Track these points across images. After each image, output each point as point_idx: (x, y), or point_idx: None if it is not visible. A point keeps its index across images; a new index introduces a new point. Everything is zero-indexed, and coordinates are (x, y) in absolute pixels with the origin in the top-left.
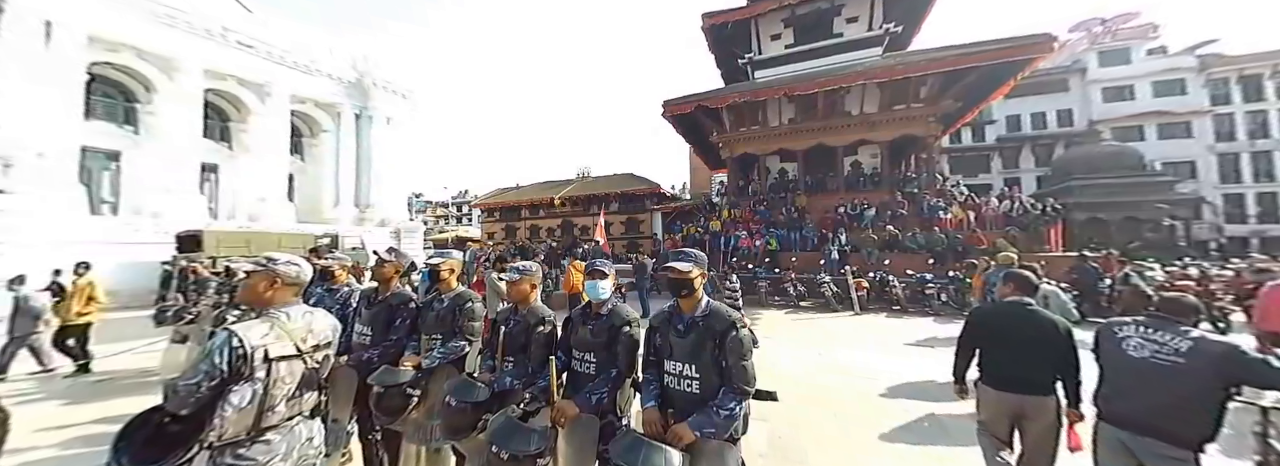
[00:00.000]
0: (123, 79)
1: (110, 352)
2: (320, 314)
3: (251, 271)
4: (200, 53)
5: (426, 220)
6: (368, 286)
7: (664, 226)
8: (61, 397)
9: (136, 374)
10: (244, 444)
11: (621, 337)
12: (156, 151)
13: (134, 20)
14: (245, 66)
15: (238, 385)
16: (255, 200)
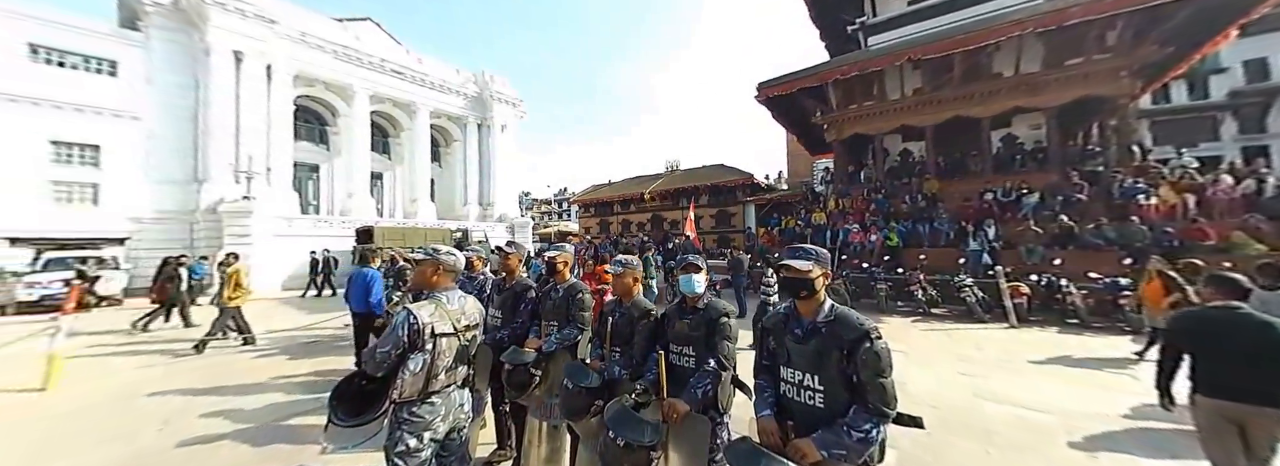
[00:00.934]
0: (317, 108)
1: (323, 320)
2: (470, 299)
3: (421, 260)
4: (368, 82)
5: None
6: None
7: (758, 219)
8: (288, 353)
9: (334, 338)
10: (416, 403)
11: (718, 329)
12: (341, 164)
13: (324, 59)
14: (399, 91)
15: (413, 354)
16: (408, 201)
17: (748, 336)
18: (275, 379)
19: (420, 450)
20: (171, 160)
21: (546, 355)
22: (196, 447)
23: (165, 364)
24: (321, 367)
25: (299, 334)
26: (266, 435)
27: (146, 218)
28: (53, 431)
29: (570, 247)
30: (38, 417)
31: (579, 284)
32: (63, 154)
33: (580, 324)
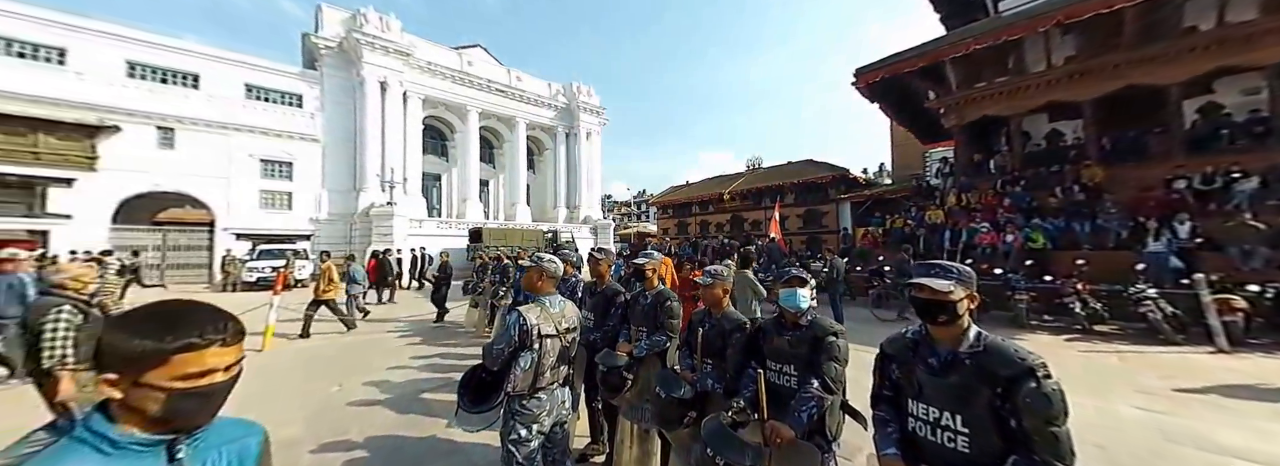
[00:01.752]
0: (439, 125)
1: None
2: (569, 304)
3: (530, 266)
4: (478, 102)
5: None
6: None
7: (855, 218)
8: (421, 336)
9: (454, 326)
10: (526, 397)
11: (826, 348)
12: (457, 173)
13: (445, 85)
14: (502, 108)
15: (523, 352)
16: (508, 205)
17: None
18: (414, 358)
19: (530, 440)
20: (339, 172)
21: (637, 360)
22: (360, 408)
23: (337, 337)
24: (446, 351)
25: (426, 319)
26: (406, 404)
27: (322, 219)
28: (266, 383)
29: (660, 256)
30: (255, 373)
31: (667, 291)
32: (268, 169)
33: (669, 331)
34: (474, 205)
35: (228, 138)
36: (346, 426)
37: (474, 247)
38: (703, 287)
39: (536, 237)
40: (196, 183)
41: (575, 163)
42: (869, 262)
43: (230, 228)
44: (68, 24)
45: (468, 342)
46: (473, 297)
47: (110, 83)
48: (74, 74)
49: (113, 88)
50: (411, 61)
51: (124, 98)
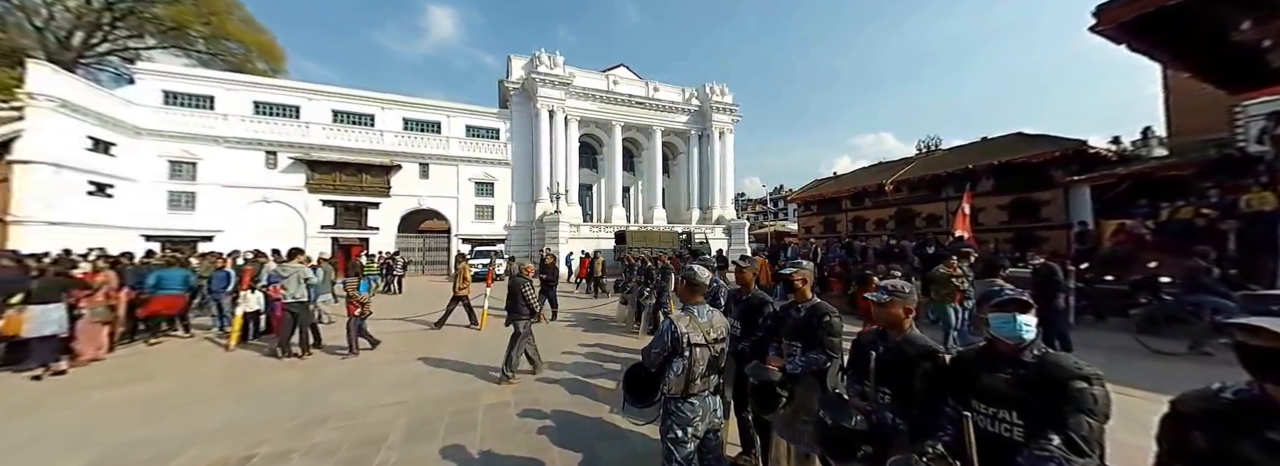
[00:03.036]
0: (590, 141)
1: (599, 304)
2: (717, 313)
3: (679, 279)
4: (621, 116)
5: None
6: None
7: (1099, 207)
8: (584, 327)
9: (608, 318)
10: (680, 400)
11: (1074, 397)
12: (605, 182)
13: (595, 106)
14: (641, 119)
15: (675, 358)
16: (646, 208)
17: None
18: (579, 345)
19: (686, 441)
20: (522, 188)
21: (791, 376)
22: (545, 384)
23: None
24: (602, 342)
25: (586, 312)
26: (576, 386)
27: (512, 226)
28: (480, 356)
29: (809, 265)
30: (473, 346)
31: (824, 305)
32: (479, 189)
33: (829, 350)
34: (618, 210)
35: (457, 167)
36: (537, 398)
37: (620, 249)
38: (876, 306)
39: (671, 239)
40: (440, 202)
41: (708, 164)
42: (1129, 269)
43: (459, 234)
44: (375, 99)
45: (619, 335)
46: (622, 295)
47: (395, 135)
48: (377, 132)
49: (396, 138)
50: (571, 89)
51: (401, 144)
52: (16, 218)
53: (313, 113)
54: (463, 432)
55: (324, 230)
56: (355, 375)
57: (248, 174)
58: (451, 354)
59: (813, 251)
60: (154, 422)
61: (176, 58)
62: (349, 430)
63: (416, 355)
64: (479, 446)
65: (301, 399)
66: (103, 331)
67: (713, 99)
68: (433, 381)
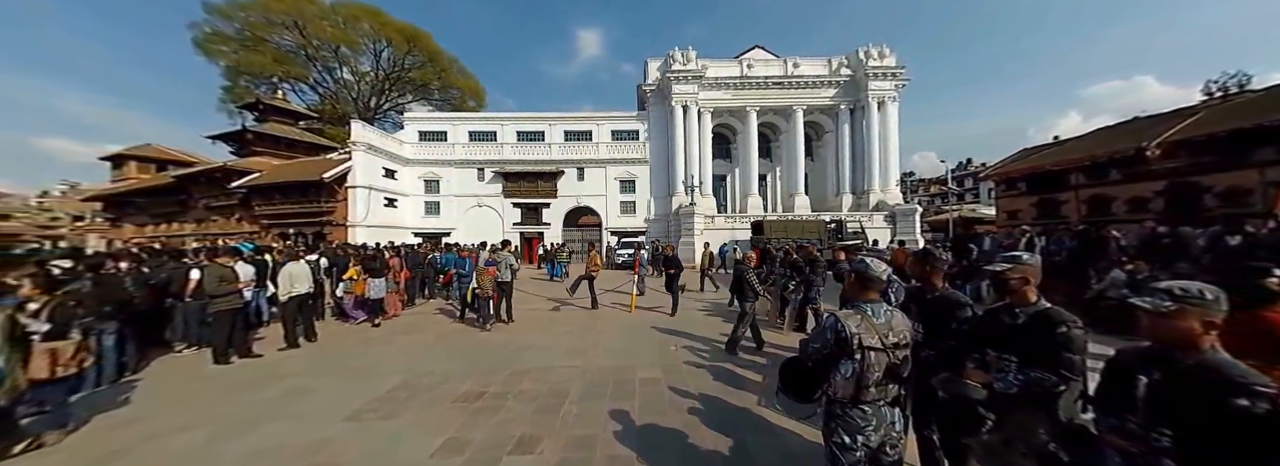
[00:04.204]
0: (723, 131)
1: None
2: (898, 314)
3: (849, 273)
4: (755, 101)
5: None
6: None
7: None
8: (720, 316)
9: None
10: (849, 406)
11: None
12: (739, 172)
13: (727, 95)
14: (779, 100)
15: (844, 360)
16: (786, 196)
17: None
18: (722, 335)
19: (853, 448)
20: (659, 183)
21: (1001, 397)
22: (693, 368)
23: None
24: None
25: (723, 301)
26: (720, 374)
27: (651, 219)
28: (631, 338)
29: (1032, 258)
30: (625, 329)
31: (1060, 313)
32: (623, 187)
33: (1065, 370)
34: (754, 199)
35: (604, 169)
36: (685, 379)
37: (757, 240)
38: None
39: (817, 228)
40: (592, 200)
41: (863, 141)
42: None
43: (608, 227)
44: (543, 118)
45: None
46: (764, 287)
47: (559, 146)
48: (547, 145)
49: (559, 148)
50: (703, 82)
51: (563, 153)
52: (351, 223)
53: (505, 135)
54: (623, 399)
55: (515, 226)
56: (542, 341)
57: (468, 186)
58: (609, 331)
59: (1025, 242)
60: (429, 361)
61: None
62: (542, 383)
63: (584, 329)
64: (637, 413)
65: (510, 355)
66: (397, 298)
67: (868, 65)
68: (597, 353)
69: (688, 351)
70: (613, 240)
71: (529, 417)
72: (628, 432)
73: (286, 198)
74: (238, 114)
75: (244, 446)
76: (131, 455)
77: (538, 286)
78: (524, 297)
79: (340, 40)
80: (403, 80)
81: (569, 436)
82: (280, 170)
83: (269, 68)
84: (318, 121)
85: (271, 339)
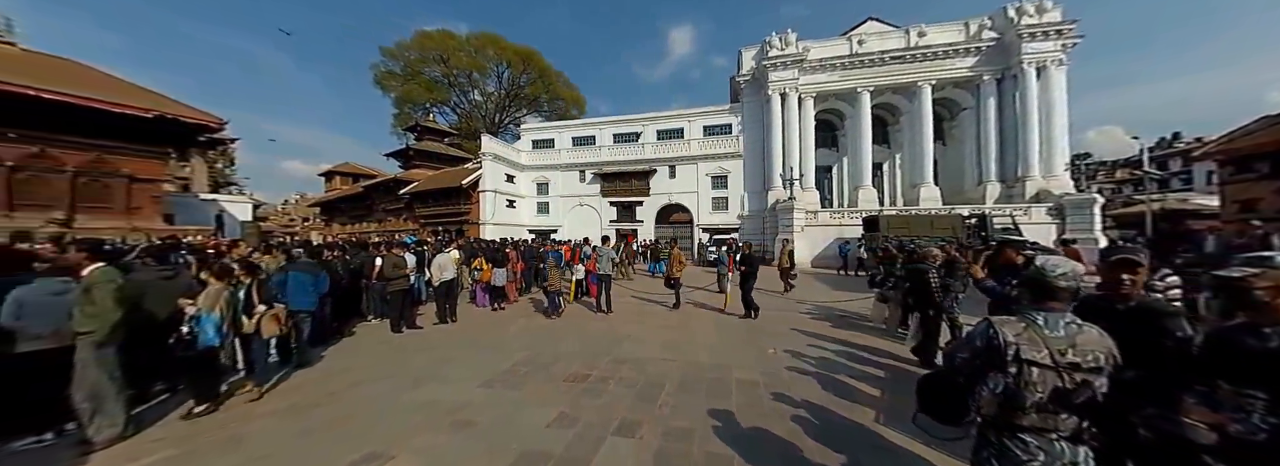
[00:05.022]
0: (828, 118)
1: (844, 299)
2: (1094, 333)
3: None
4: (869, 80)
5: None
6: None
7: None
8: (831, 322)
9: (858, 317)
10: (1004, 431)
11: None
12: (848, 161)
13: (834, 77)
14: (899, 77)
15: (992, 372)
16: (908, 187)
17: None
18: (825, 340)
19: None
20: (754, 178)
21: (1240, 444)
22: (795, 374)
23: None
24: (856, 341)
25: (831, 306)
26: (829, 383)
27: (744, 215)
28: (725, 337)
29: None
30: (719, 328)
31: None
32: (715, 183)
33: None
34: (867, 192)
35: (696, 165)
36: (788, 385)
37: (871, 237)
38: None
39: (951, 224)
40: (683, 197)
41: (1016, 117)
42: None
43: (699, 224)
44: (637, 120)
45: (874, 337)
46: (880, 291)
47: (651, 146)
48: (640, 145)
49: (652, 148)
50: (805, 66)
51: (655, 152)
52: (482, 221)
53: (602, 138)
54: (720, 398)
55: (611, 223)
56: (639, 332)
57: (571, 187)
58: (703, 329)
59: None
60: (542, 343)
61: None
62: (640, 372)
63: (679, 325)
64: (736, 413)
65: (611, 343)
66: (514, 286)
67: (1022, 24)
68: (692, 349)
69: (789, 357)
70: (704, 237)
71: (629, 403)
72: (726, 431)
73: (436, 201)
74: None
75: (412, 398)
76: (341, 396)
77: (642, 283)
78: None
79: (473, 66)
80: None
81: (667, 426)
82: (432, 179)
83: (423, 96)
84: (457, 137)
85: (427, 315)
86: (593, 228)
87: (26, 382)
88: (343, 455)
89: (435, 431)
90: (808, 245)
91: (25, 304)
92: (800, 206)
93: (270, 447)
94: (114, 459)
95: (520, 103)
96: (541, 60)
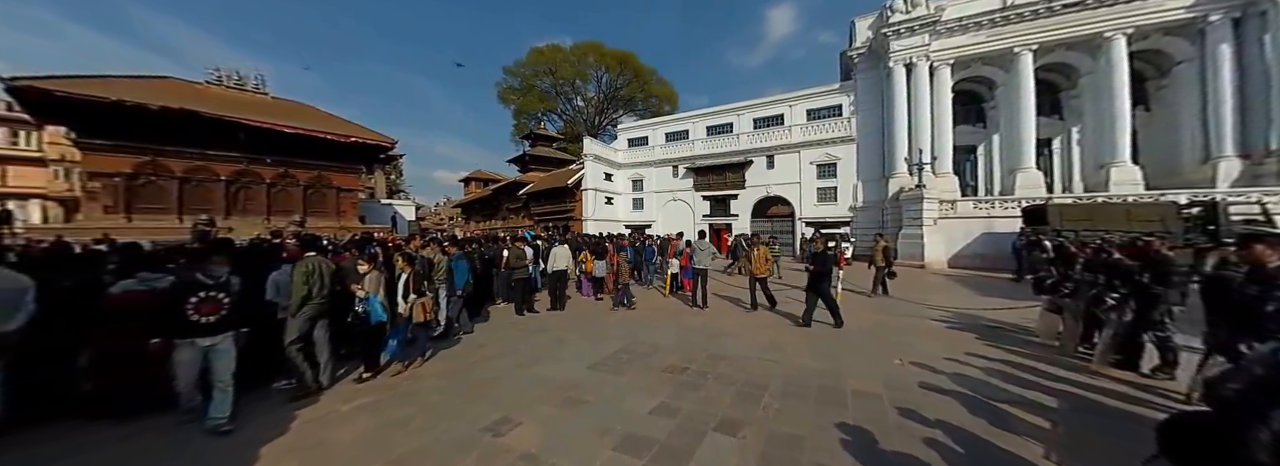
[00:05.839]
0: (973, 88)
1: (994, 306)
2: None
3: None
4: (1029, 35)
5: None
6: None
7: None
8: (975, 333)
9: (1017, 328)
10: None
11: None
12: (1000, 139)
13: (979, 37)
14: (1072, 27)
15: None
16: (1090, 168)
17: None
18: (971, 355)
19: None
20: (870, 164)
21: None
22: (930, 392)
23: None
24: (1010, 359)
25: (974, 314)
26: (979, 407)
27: (858, 207)
28: (840, 342)
29: None
30: (818, 324)
31: None
32: (821, 171)
33: None
34: (1029, 175)
35: (798, 153)
36: (919, 403)
37: (1035, 232)
38: None
39: (1159, 214)
40: (784, 188)
41: (1260, 67)
42: None
43: (801, 218)
44: (731, 110)
45: (1039, 355)
46: (1051, 300)
47: (747, 135)
48: (734, 136)
49: (747, 138)
50: (938, 28)
51: (751, 142)
52: (584, 218)
53: (695, 132)
54: (832, 407)
55: (704, 218)
56: (736, 329)
57: (665, 182)
58: (809, 331)
59: None
60: (641, 333)
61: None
62: (739, 370)
63: (780, 324)
64: (853, 427)
65: (707, 339)
66: (612, 278)
67: None
68: (797, 351)
69: (920, 370)
70: (807, 231)
71: (729, 401)
72: (842, 444)
73: (547, 200)
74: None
75: (532, 374)
76: (480, 366)
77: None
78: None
79: (576, 75)
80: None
81: (772, 430)
82: (543, 180)
83: (536, 106)
84: (564, 141)
85: (541, 301)
86: (686, 222)
87: (278, 342)
88: (486, 414)
89: (552, 404)
90: (944, 241)
91: (279, 285)
92: (932, 195)
93: (433, 402)
94: (332, 399)
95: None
96: (637, 62)
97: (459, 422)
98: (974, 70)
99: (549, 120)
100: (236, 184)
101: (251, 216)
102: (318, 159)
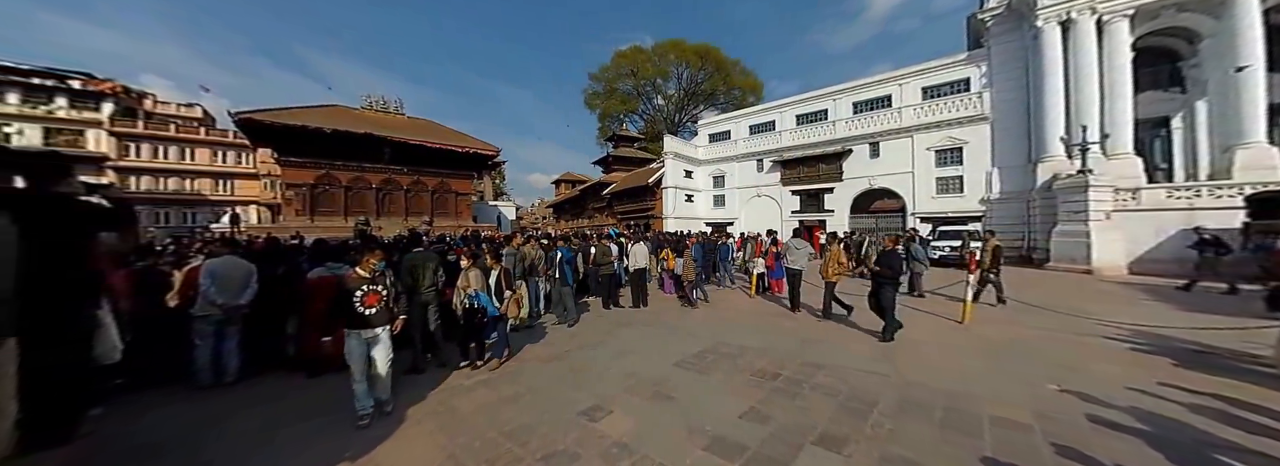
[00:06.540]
0: (1163, 43)
1: (1197, 324)
2: None
3: None
4: None
5: None
6: None
7: None
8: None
9: (1234, 355)
10: None
11: None
12: (1207, 107)
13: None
14: None
15: None
16: None
17: None
18: (1161, 384)
19: None
20: (1010, 148)
21: None
22: (1097, 426)
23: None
24: (1232, 396)
25: (1168, 335)
26: (1176, 450)
27: (994, 198)
28: (986, 361)
29: None
30: (975, 350)
31: None
32: (941, 158)
33: None
34: (1257, 152)
35: (910, 139)
36: (1089, 442)
37: (1257, 228)
38: None
39: None
40: (891, 179)
41: None
42: None
43: (915, 212)
44: (825, 95)
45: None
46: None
47: (845, 122)
48: (830, 124)
49: (845, 125)
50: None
51: (850, 129)
52: (665, 215)
53: (783, 122)
54: (963, 433)
55: (793, 214)
56: (833, 337)
57: (748, 178)
58: (930, 343)
59: None
60: (727, 333)
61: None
62: (841, 381)
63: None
64: (994, 457)
65: (800, 344)
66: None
67: None
68: (913, 367)
69: (1084, 401)
70: (924, 228)
71: (830, 413)
72: None
73: (629, 199)
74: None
75: (621, 366)
76: (575, 355)
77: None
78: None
79: (657, 74)
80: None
81: (885, 451)
82: (625, 180)
83: (618, 108)
84: (644, 141)
85: (625, 297)
86: (772, 219)
87: None
88: (580, 400)
89: (640, 397)
90: (1122, 240)
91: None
92: (1103, 182)
93: (535, 384)
94: (457, 377)
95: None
96: (718, 54)
97: (558, 404)
98: (1165, 19)
99: (630, 121)
100: (382, 190)
101: (393, 218)
102: (441, 167)
